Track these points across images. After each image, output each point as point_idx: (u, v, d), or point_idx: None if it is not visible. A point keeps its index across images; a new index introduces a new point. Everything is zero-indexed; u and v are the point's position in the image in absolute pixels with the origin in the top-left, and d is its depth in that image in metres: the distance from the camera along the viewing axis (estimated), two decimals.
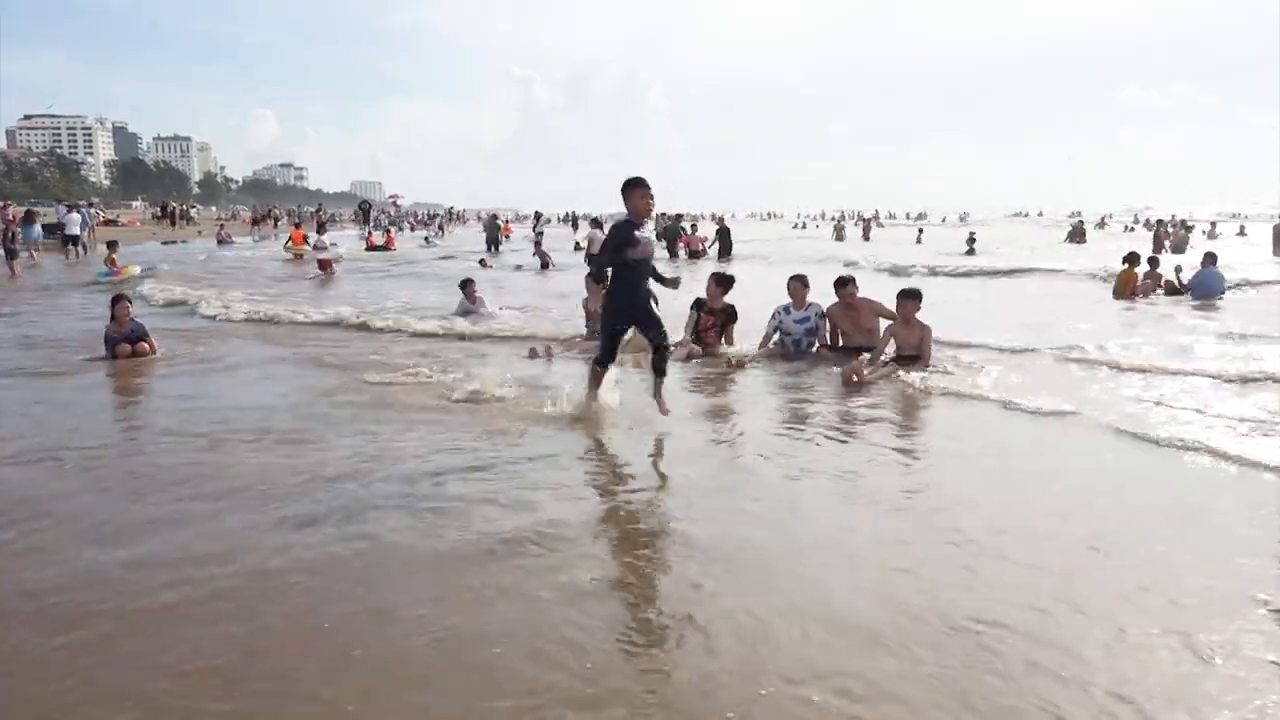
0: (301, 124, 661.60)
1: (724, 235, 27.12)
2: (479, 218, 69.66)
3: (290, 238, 28.94)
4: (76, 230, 25.12)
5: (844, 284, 8.52)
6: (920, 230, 42.91)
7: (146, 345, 8.72)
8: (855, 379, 7.04)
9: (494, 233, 31.45)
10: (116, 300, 8.92)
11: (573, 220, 55.66)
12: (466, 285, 11.86)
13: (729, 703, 2.48)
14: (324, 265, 19.92)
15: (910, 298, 7.85)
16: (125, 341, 8.60)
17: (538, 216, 44.37)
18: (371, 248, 31.03)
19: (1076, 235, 36.01)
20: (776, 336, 8.52)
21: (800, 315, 8.44)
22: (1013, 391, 6.51)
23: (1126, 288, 13.67)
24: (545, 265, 22.14)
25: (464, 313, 11.47)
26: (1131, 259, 14.04)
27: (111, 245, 19.56)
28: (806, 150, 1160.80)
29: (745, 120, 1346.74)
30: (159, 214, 55.59)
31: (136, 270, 18.44)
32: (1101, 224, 55.23)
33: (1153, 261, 14.39)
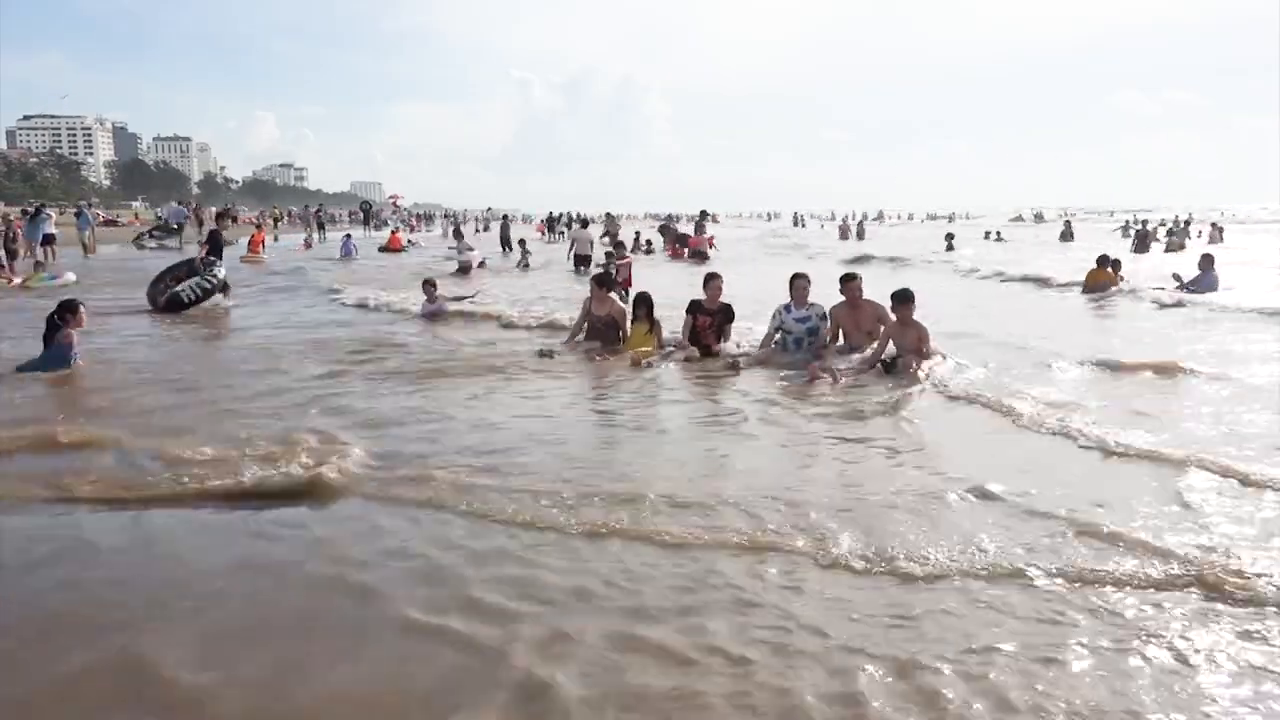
0: (301, 125, 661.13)
1: (669, 232, 27.83)
2: (478, 218, 69.64)
3: (250, 242, 27.73)
4: (52, 229, 25.00)
5: (848, 279, 8.48)
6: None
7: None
8: (820, 377, 7.22)
9: (506, 234, 31.44)
10: (73, 305, 7.90)
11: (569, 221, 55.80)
12: (427, 285, 12.36)
13: None
14: (464, 269, 20.07)
15: (902, 300, 7.82)
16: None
17: (554, 218, 44.41)
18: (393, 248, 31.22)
19: (1065, 235, 36.83)
20: (778, 336, 8.50)
21: (801, 314, 8.40)
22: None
23: (1095, 283, 14.72)
24: (525, 265, 22.70)
25: (427, 314, 11.99)
26: (1102, 261, 15.16)
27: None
28: (806, 151, 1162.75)
29: (744, 122, 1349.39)
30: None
31: (71, 278, 16.97)
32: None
33: (1116, 264, 15.58)
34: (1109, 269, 14.96)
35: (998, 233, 42.98)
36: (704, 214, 28.15)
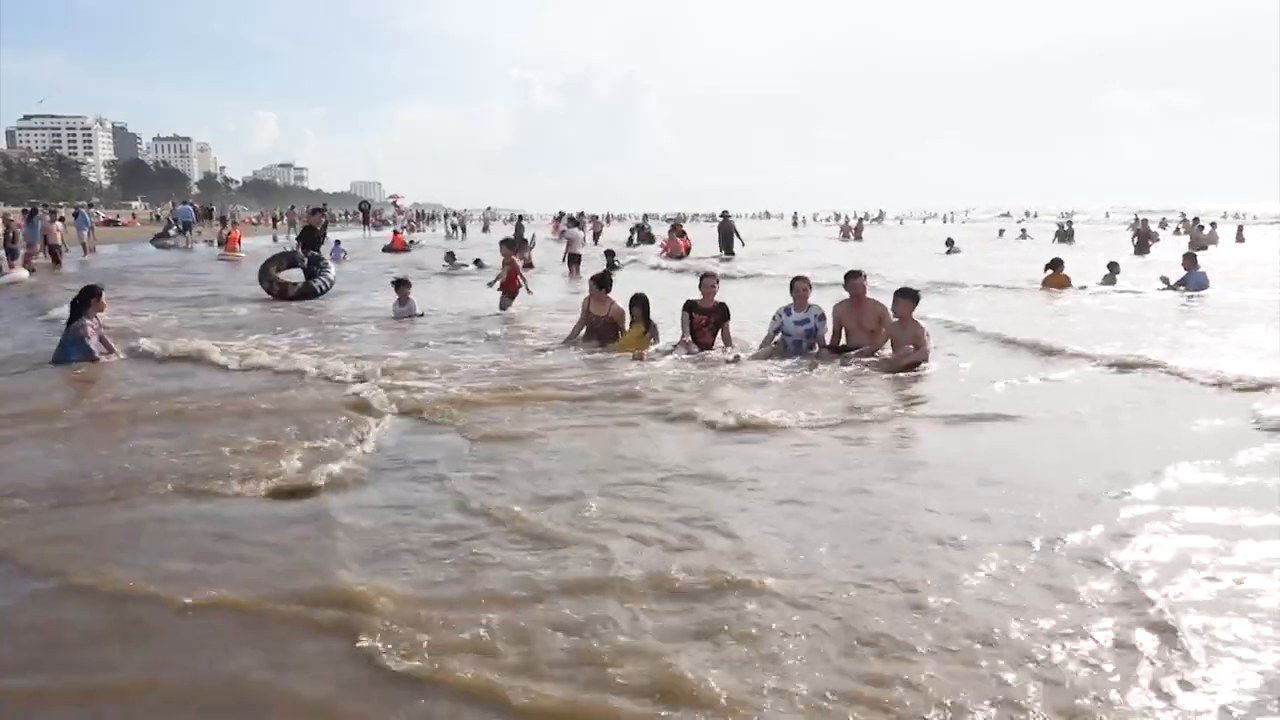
0: (301, 125, 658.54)
1: (642, 231, 30.02)
2: (480, 217, 69.62)
3: (226, 240, 28.76)
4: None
5: (852, 276, 8.55)
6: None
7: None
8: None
9: (520, 233, 31.28)
10: (96, 291, 7.99)
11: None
12: (400, 285, 12.03)
13: None
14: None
15: (906, 297, 7.97)
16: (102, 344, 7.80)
17: (561, 216, 44.49)
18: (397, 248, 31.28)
19: (1065, 236, 35.44)
20: (777, 338, 8.54)
21: (800, 317, 8.46)
22: None
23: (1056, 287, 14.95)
24: (528, 266, 22.70)
25: (396, 315, 11.74)
26: (1056, 264, 15.34)
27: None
28: (806, 152, 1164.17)
29: (743, 123, 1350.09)
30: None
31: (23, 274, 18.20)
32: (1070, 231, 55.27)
33: (1113, 266, 16.25)
34: (1065, 273, 15.19)
35: (1022, 230, 42.78)
36: (726, 214, 28.98)
